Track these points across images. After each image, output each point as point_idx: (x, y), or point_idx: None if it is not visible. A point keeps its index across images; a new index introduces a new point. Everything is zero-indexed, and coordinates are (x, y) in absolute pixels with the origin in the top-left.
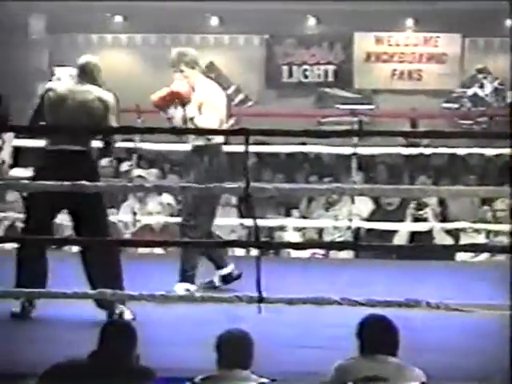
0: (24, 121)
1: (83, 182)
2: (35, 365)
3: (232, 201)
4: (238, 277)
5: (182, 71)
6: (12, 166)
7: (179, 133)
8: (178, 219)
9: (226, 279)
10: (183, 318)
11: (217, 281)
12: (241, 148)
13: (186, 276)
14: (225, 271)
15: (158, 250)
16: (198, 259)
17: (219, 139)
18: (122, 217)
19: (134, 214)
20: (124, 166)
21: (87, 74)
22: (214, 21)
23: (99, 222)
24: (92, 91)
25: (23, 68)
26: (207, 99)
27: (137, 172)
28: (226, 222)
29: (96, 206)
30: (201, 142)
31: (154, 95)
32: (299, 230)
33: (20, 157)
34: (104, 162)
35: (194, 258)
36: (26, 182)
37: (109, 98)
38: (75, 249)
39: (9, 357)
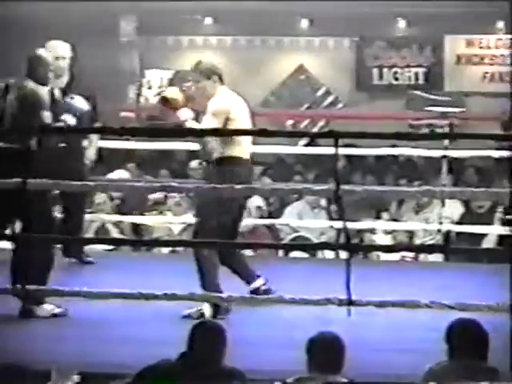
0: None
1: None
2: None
3: (322, 203)
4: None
5: (197, 81)
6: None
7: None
8: (267, 221)
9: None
10: (273, 320)
11: None
12: (330, 150)
13: (247, 277)
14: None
15: (249, 252)
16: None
17: (236, 153)
18: None
19: None
20: None
21: (28, 68)
22: (304, 23)
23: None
24: (24, 87)
25: (114, 70)
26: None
27: None
28: (316, 225)
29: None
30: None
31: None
32: (389, 232)
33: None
34: (194, 164)
35: (240, 257)
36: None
37: (39, 92)
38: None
39: (100, 358)
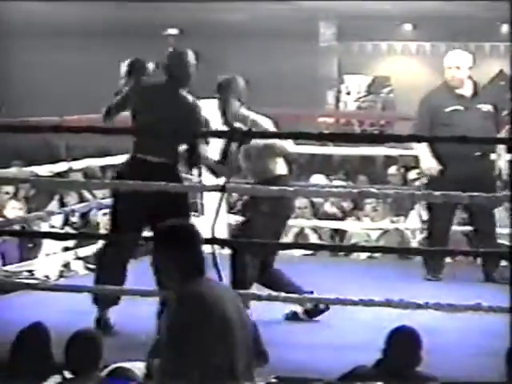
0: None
1: None
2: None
3: None
4: (323, 311)
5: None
6: None
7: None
8: (464, 228)
9: (311, 313)
10: (469, 327)
11: (301, 313)
12: None
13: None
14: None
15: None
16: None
17: None
18: (409, 224)
19: (422, 222)
20: (412, 174)
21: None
22: (504, 28)
23: None
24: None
25: (313, 75)
26: None
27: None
28: None
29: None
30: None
31: None
32: None
33: None
34: (391, 170)
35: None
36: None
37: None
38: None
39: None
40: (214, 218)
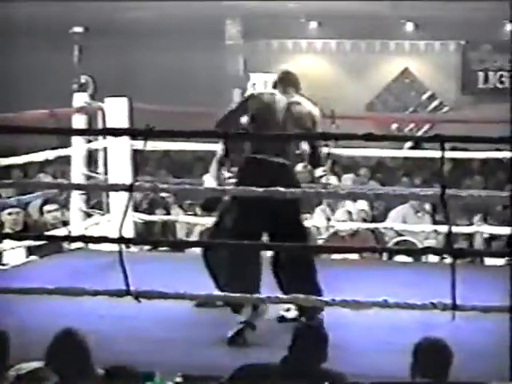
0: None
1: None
2: None
3: (426, 207)
4: None
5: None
6: None
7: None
8: (370, 225)
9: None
10: (376, 324)
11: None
12: (437, 154)
13: None
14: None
15: (353, 256)
16: None
17: None
18: (315, 222)
19: (328, 219)
20: (318, 172)
21: (292, 83)
22: (409, 26)
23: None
24: (304, 105)
25: (219, 73)
26: None
27: (329, 179)
28: (420, 229)
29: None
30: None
31: None
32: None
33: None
34: (299, 167)
35: None
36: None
37: (317, 113)
38: None
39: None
40: (122, 217)
